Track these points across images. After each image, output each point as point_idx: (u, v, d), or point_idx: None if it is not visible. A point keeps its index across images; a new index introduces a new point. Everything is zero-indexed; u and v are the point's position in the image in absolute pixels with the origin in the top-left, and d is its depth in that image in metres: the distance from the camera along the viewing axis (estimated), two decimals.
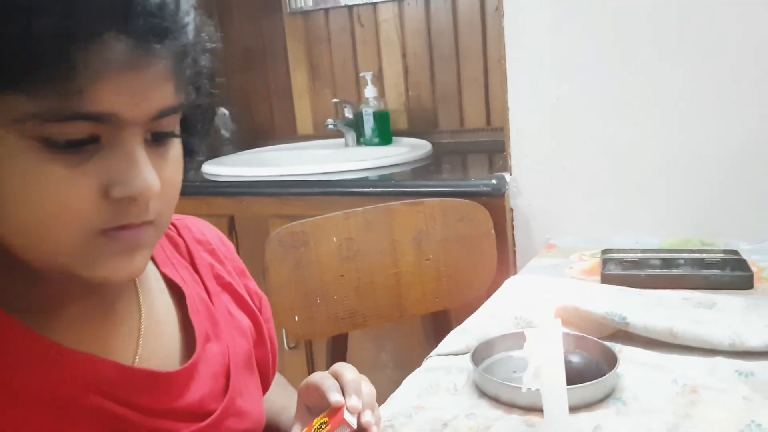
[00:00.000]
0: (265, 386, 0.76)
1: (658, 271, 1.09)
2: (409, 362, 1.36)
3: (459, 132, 2.01)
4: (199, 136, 0.58)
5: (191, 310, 0.64)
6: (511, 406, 0.75)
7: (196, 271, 0.69)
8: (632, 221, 1.35)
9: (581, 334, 0.85)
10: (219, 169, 1.80)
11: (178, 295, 0.65)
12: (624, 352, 0.84)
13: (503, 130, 1.44)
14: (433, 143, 1.89)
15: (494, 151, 1.78)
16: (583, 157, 1.37)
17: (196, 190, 1.74)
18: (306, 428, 0.63)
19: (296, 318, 1.24)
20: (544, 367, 0.55)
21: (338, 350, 1.33)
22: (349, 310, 1.31)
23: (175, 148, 0.52)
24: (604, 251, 1.21)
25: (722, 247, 1.20)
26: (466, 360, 0.86)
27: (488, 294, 1.30)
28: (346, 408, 0.61)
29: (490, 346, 0.86)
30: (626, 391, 0.76)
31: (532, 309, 0.93)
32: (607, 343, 0.83)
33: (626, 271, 1.11)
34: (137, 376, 0.57)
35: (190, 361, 0.61)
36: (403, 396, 0.79)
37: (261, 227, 1.62)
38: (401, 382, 0.84)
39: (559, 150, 1.38)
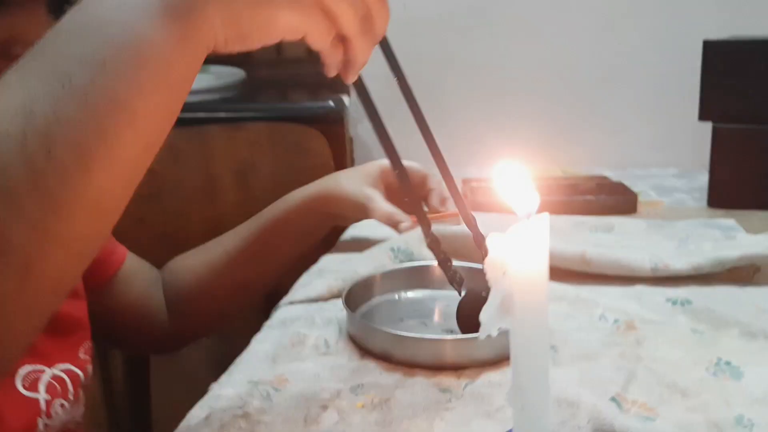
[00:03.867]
0: None
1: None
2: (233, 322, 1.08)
3: (276, 63, 1.74)
4: None
5: None
6: (410, 365, 0.53)
7: None
8: (488, 151, 1.19)
9: (477, 265, 0.64)
10: None
11: None
12: None
13: None
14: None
15: (322, 87, 1.54)
16: (435, 75, 1.18)
17: None
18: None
19: None
20: (519, 296, 0.34)
21: None
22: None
23: None
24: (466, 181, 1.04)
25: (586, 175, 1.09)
26: (332, 308, 0.63)
27: (327, 237, 1.08)
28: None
29: (367, 287, 0.63)
30: (552, 334, 0.58)
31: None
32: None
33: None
34: None
35: None
36: (254, 363, 0.54)
37: None
38: (225, 350, 0.60)
39: (408, 66, 1.18)
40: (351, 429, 0.46)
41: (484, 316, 0.35)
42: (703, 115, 0.91)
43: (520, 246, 0.33)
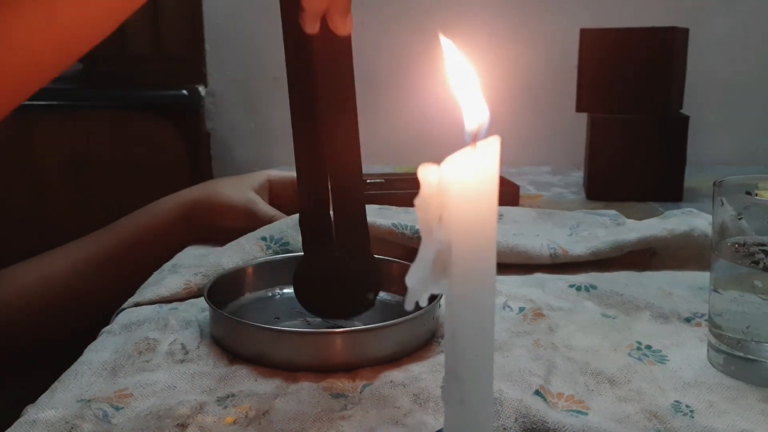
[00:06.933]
0: None
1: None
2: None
3: (119, 59, 1.56)
4: None
5: None
6: (292, 368, 0.43)
7: None
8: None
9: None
10: None
11: None
12: None
13: (185, 59, 1.09)
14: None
15: (172, 80, 1.40)
16: None
17: None
18: None
19: None
20: (459, 249, 0.25)
21: None
22: None
23: None
24: None
25: None
26: (190, 309, 0.51)
27: None
28: None
29: (235, 282, 0.52)
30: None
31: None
32: (406, 262, 0.56)
33: (381, 190, 0.89)
34: None
35: None
36: (86, 377, 0.41)
37: None
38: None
39: (271, 56, 1.08)
40: None
41: (411, 278, 0.26)
42: (580, 107, 0.89)
43: (462, 180, 0.25)
